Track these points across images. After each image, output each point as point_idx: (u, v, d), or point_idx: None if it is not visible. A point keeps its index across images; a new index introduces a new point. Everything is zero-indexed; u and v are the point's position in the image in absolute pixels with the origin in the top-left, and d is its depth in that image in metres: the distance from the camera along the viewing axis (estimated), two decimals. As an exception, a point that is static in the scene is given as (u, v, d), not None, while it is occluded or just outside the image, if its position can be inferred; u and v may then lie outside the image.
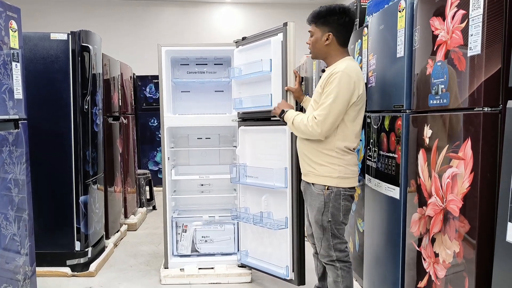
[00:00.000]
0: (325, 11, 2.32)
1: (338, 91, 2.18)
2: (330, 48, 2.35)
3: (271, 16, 7.77)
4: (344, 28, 2.33)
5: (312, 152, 2.34)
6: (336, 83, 2.19)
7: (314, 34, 2.38)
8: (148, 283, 3.31)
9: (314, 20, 2.37)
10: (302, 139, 2.40)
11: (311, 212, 2.38)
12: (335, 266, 2.35)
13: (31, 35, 3.26)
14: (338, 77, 2.19)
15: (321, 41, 2.35)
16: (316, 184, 2.33)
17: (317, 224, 2.34)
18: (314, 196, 2.34)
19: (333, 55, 2.35)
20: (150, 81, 7.10)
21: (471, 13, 1.63)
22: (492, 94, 1.59)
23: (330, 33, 2.32)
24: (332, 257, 2.34)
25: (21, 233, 2.32)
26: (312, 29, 2.39)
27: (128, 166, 5.00)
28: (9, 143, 2.23)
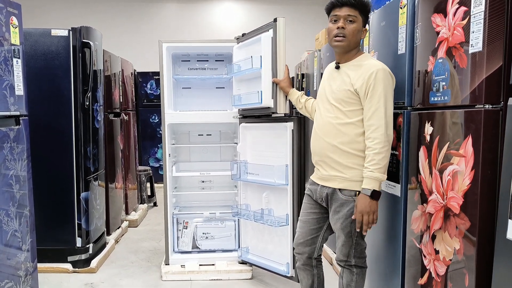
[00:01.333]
0: (367, 2, 2.13)
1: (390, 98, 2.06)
2: (358, 42, 2.18)
3: (273, 12, 7.74)
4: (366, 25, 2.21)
5: (340, 154, 2.13)
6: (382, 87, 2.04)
7: (355, 21, 2.12)
8: (149, 279, 3.32)
9: (360, 7, 2.11)
10: (328, 139, 2.18)
11: (338, 219, 2.17)
12: (351, 271, 2.24)
13: (32, 31, 3.26)
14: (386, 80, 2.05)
15: (360, 32, 2.15)
16: (344, 189, 2.14)
17: (344, 231, 2.16)
18: (341, 202, 2.15)
19: (356, 50, 2.19)
20: (151, 78, 7.10)
21: (473, 10, 1.63)
22: (493, 91, 1.58)
23: (367, 28, 2.19)
24: (350, 263, 2.22)
25: (22, 229, 2.33)
26: (355, 15, 2.11)
27: (129, 162, 5.01)
28: (10, 140, 2.23)
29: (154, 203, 5.83)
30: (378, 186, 2.03)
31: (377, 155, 2.01)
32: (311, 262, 2.38)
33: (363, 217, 2.05)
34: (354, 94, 2.09)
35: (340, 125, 2.14)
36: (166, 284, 3.23)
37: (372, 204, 2.04)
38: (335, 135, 2.15)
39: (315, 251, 2.35)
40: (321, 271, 2.43)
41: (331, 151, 2.16)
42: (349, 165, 2.11)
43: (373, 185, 2.02)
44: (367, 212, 2.04)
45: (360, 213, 2.05)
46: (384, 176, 2.03)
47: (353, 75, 2.11)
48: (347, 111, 2.12)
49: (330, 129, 2.17)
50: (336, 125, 2.15)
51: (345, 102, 2.13)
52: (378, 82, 2.03)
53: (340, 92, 2.15)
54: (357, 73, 2.10)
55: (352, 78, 2.11)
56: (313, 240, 2.34)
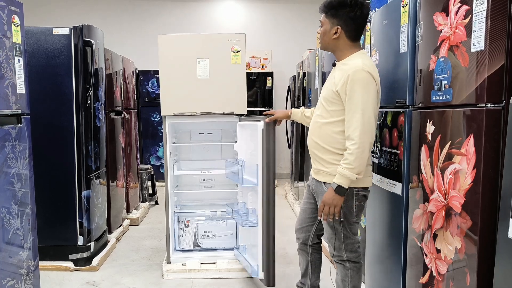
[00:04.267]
0: (336, 2, 2.17)
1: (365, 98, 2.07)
2: (339, 42, 2.21)
3: (274, 11, 7.75)
4: (355, 22, 2.17)
5: (322, 151, 2.26)
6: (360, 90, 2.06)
7: (323, 24, 2.24)
8: (150, 278, 3.32)
9: (325, 9, 2.21)
10: (313, 136, 2.31)
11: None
12: (345, 266, 2.31)
13: (33, 29, 3.26)
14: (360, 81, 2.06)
15: (329, 33, 2.21)
16: (327, 183, 2.24)
17: (329, 224, 2.26)
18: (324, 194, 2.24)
19: (342, 49, 2.23)
20: (152, 76, 7.10)
21: (475, 9, 1.63)
22: (495, 90, 1.58)
23: (338, 27, 2.18)
24: (342, 257, 2.29)
25: (24, 227, 2.33)
26: (322, 19, 2.24)
27: (131, 161, 5.01)
28: (12, 138, 2.23)
29: (155, 202, 5.83)
30: (346, 183, 2.10)
31: (350, 155, 2.08)
32: (306, 248, 2.56)
33: (324, 207, 2.17)
34: (336, 95, 2.16)
35: (322, 124, 2.25)
36: (167, 282, 3.24)
37: (336, 198, 2.13)
38: (318, 133, 2.28)
39: (309, 238, 2.52)
40: (316, 258, 2.57)
41: (315, 148, 2.31)
42: (330, 161, 2.23)
43: (341, 181, 2.11)
44: (329, 204, 2.15)
45: (323, 202, 2.18)
46: (353, 175, 2.08)
47: (338, 76, 2.17)
48: (330, 110, 2.21)
49: (316, 127, 2.31)
50: (319, 124, 2.28)
51: (330, 102, 2.21)
52: (355, 83, 2.07)
53: (327, 91, 2.25)
54: (340, 74, 2.15)
55: (336, 78, 2.17)
56: (308, 228, 2.51)
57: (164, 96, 3.22)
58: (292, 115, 2.74)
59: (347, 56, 2.22)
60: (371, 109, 2.08)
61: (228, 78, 3.21)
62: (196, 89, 3.20)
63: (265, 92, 7.20)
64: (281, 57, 7.55)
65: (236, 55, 3.20)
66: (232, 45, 3.20)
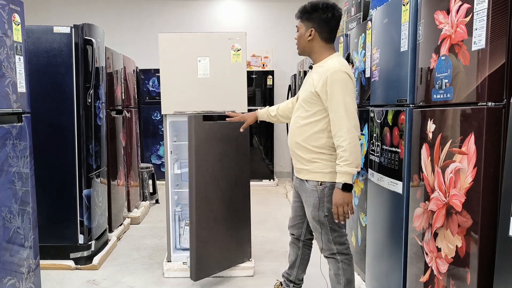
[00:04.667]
0: (309, 6, 2.32)
1: (346, 96, 2.18)
2: (313, 44, 2.34)
3: (274, 10, 7.74)
4: (327, 24, 2.31)
5: (303, 150, 2.35)
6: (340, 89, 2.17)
7: (299, 29, 2.39)
8: (151, 276, 3.33)
9: (300, 15, 2.37)
10: (293, 137, 2.40)
11: (307, 208, 2.39)
12: (336, 259, 2.38)
13: (34, 28, 3.26)
14: (339, 81, 2.18)
15: (304, 36, 2.36)
16: (309, 180, 2.34)
17: (315, 220, 2.36)
18: (308, 192, 2.36)
19: (317, 52, 2.36)
20: (153, 75, 7.10)
21: (476, 7, 1.62)
22: (496, 89, 1.58)
23: (312, 29, 2.32)
24: (332, 250, 2.37)
25: (25, 226, 2.33)
26: (298, 25, 2.40)
27: (131, 159, 5.01)
28: (13, 137, 2.23)
29: (156, 200, 5.84)
30: (350, 179, 2.20)
31: (345, 152, 2.17)
32: (298, 243, 2.66)
33: (338, 208, 2.23)
34: (316, 96, 2.26)
35: (302, 124, 2.34)
36: (168, 281, 3.24)
37: (345, 196, 2.21)
38: (298, 133, 2.37)
39: (302, 234, 2.63)
40: (306, 253, 2.68)
41: (296, 148, 2.39)
42: (311, 160, 2.33)
43: (344, 178, 2.19)
44: (341, 204, 2.21)
45: (335, 205, 2.23)
46: (354, 170, 2.18)
47: (316, 78, 2.28)
48: (310, 110, 2.31)
49: (295, 128, 2.39)
50: (300, 124, 2.36)
51: (309, 103, 2.31)
52: (334, 84, 2.18)
53: (305, 92, 2.35)
54: (318, 76, 2.26)
55: (315, 80, 2.28)
56: (300, 225, 2.61)
57: (165, 94, 3.22)
58: (259, 117, 2.81)
59: (323, 59, 2.34)
60: (352, 106, 2.20)
61: (229, 76, 3.21)
62: (197, 87, 3.20)
63: (266, 90, 7.20)
64: (282, 56, 7.54)
65: (236, 53, 3.20)
66: (233, 44, 3.20)
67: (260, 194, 6.35)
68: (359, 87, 3.09)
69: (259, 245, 3.98)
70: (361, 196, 3.05)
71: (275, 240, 4.18)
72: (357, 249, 3.13)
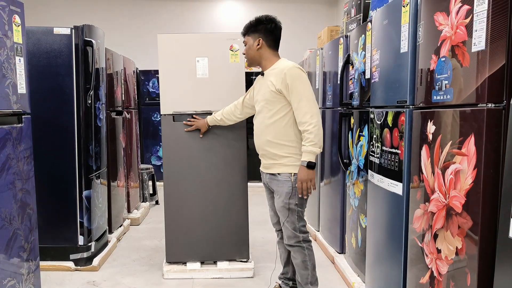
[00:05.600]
0: (254, 21, 2.64)
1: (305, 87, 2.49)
2: (262, 52, 2.64)
3: (274, 11, 7.71)
4: (272, 33, 2.63)
5: (275, 146, 2.58)
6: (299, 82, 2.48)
7: (247, 43, 2.67)
8: (151, 278, 3.32)
9: (246, 31, 2.67)
10: (263, 136, 2.62)
11: (279, 198, 2.59)
12: (302, 247, 2.59)
13: (34, 29, 3.26)
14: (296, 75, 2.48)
15: (253, 46, 2.64)
16: (282, 173, 2.57)
17: (285, 207, 2.56)
18: (281, 183, 2.58)
19: (266, 58, 2.64)
20: (153, 76, 7.10)
21: (476, 9, 1.62)
22: (496, 90, 1.58)
23: (260, 39, 2.62)
24: (299, 238, 2.58)
25: (24, 227, 2.33)
26: (245, 39, 2.68)
27: (131, 160, 5.01)
28: (13, 138, 2.23)
29: (156, 201, 5.83)
30: (314, 158, 2.48)
31: (310, 134, 2.46)
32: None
33: (302, 184, 2.49)
34: (277, 93, 2.53)
35: (271, 122, 2.58)
36: (167, 282, 3.24)
37: (309, 173, 2.48)
38: (268, 132, 2.59)
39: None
40: None
41: (267, 145, 2.61)
42: (283, 155, 2.57)
43: (309, 157, 2.47)
44: (305, 180, 2.49)
45: (299, 181, 2.50)
46: (318, 150, 2.48)
47: (273, 78, 2.55)
48: (274, 109, 2.56)
49: (263, 127, 2.62)
50: (267, 123, 2.59)
51: (271, 102, 2.56)
52: (293, 78, 2.48)
53: (266, 93, 2.59)
54: (275, 76, 2.55)
55: (272, 80, 2.55)
56: (279, 221, 2.70)
57: (164, 95, 3.23)
58: (208, 122, 3.13)
59: (272, 64, 2.64)
60: (312, 95, 2.51)
61: (227, 76, 3.22)
62: (195, 88, 3.21)
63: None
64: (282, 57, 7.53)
65: (235, 54, 3.20)
66: (231, 44, 3.20)
67: (260, 195, 6.32)
68: (359, 88, 3.09)
69: (259, 246, 3.98)
70: (361, 197, 3.05)
71: (275, 241, 4.16)
72: (357, 250, 3.13)
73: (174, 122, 3.23)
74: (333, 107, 3.76)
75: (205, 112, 3.23)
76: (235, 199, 3.31)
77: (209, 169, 3.28)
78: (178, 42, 3.22)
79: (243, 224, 3.33)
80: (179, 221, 3.30)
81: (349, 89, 3.37)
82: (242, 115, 2.99)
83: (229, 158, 3.28)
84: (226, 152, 3.27)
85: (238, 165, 3.28)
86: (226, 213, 3.32)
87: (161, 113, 3.24)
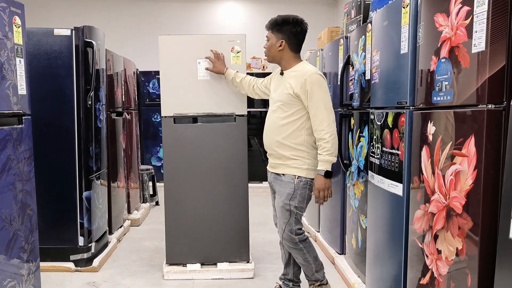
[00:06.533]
0: (280, 20, 2.59)
1: (324, 95, 2.49)
2: (283, 53, 2.61)
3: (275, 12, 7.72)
4: (296, 37, 2.59)
5: (283, 148, 2.58)
6: (318, 89, 2.47)
7: (269, 39, 2.63)
8: (151, 278, 3.32)
9: (270, 27, 2.63)
10: (273, 136, 2.62)
11: (280, 197, 2.60)
12: (299, 248, 2.62)
13: (34, 30, 3.26)
14: (316, 82, 2.47)
15: (275, 46, 2.61)
16: (286, 174, 2.59)
17: (284, 208, 2.57)
18: (284, 183, 2.59)
19: (286, 60, 2.62)
20: (153, 77, 7.10)
21: (476, 10, 1.63)
22: (496, 91, 1.58)
23: (282, 40, 2.58)
24: (294, 240, 2.59)
25: (25, 228, 2.33)
26: (268, 35, 2.64)
27: (131, 161, 5.01)
28: (13, 139, 2.23)
29: (156, 202, 5.83)
30: (330, 167, 2.49)
31: (327, 143, 2.46)
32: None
33: (320, 193, 2.52)
34: (294, 97, 2.52)
35: (283, 124, 2.57)
36: (168, 283, 3.24)
37: (327, 182, 2.51)
38: (278, 132, 2.59)
39: None
40: None
41: (276, 146, 2.61)
42: (290, 157, 2.57)
43: (325, 166, 2.48)
44: (322, 189, 2.51)
45: (317, 189, 2.52)
46: (334, 159, 2.49)
47: (292, 81, 2.53)
48: (289, 111, 2.55)
49: (275, 127, 2.61)
50: (279, 124, 2.58)
51: (287, 104, 2.55)
52: (313, 84, 2.47)
53: (283, 95, 2.57)
54: (295, 79, 2.53)
55: (291, 83, 2.53)
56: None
57: (165, 97, 3.23)
58: (226, 74, 3.08)
59: (292, 66, 2.61)
60: (329, 103, 2.51)
61: (229, 78, 3.21)
62: (196, 90, 3.21)
63: (266, 92, 7.18)
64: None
65: (236, 55, 3.20)
66: (233, 46, 3.20)
67: (261, 196, 6.34)
68: (359, 89, 3.09)
69: (259, 247, 3.98)
70: (361, 198, 3.05)
71: (275, 242, 4.15)
72: (357, 251, 3.13)
73: (175, 124, 3.23)
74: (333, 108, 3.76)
75: (206, 115, 3.24)
76: (235, 200, 3.31)
77: (209, 170, 3.28)
78: (179, 44, 3.22)
79: (243, 226, 3.33)
80: (180, 222, 3.30)
81: (349, 90, 3.38)
82: (253, 92, 2.98)
83: (230, 159, 3.28)
84: (226, 153, 3.27)
85: (238, 166, 3.28)
86: (227, 214, 3.32)
87: (162, 115, 3.24)
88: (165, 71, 3.21)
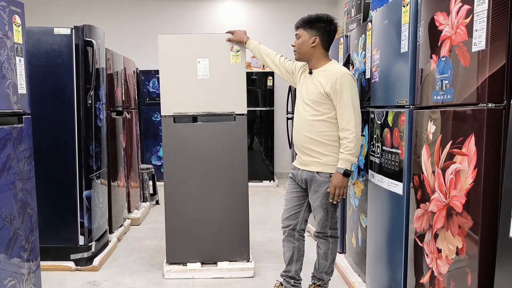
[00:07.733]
0: (314, 17, 2.61)
1: (353, 95, 2.50)
2: (315, 50, 2.60)
3: (274, 11, 7.75)
4: (329, 35, 2.62)
5: (317, 144, 2.58)
6: (348, 89, 2.48)
7: (301, 36, 2.62)
8: (151, 277, 3.33)
9: (303, 24, 2.63)
10: (305, 133, 2.61)
11: (317, 197, 2.61)
12: (327, 241, 2.72)
13: (34, 29, 3.26)
14: (347, 82, 2.48)
15: (307, 43, 2.60)
16: (321, 172, 2.59)
17: (322, 207, 2.62)
18: (319, 183, 2.59)
19: (317, 57, 2.62)
20: (153, 76, 7.10)
21: (476, 8, 1.63)
22: (497, 90, 1.58)
23: (316, 37, 2.58)
24: (327, 233, 2.69)
25: (25, 227, 2.33)
26: (299, 32, 2.64)
27: (132, 160, 5.01)
28: (13, 138, 2.23)
29: (156, 201, 5.83)
30: (350, 166, 2.52)
31: (351, 143, 2.48)
32: (294, 234, 2.78)
33: (336, 190, 2.53)
34: (325, 96, 2.53)
35: (315, 121, 2.58)
36: (168, 282, 3.24)
37: (344, 180, 2.52)
38: (310, 129, 2.60)
39: (298, 224, 2.78)
40: (301, 245, 2.81)
41: (308, 143, 2.61)
42: (325, 153, 2.58)
43: (346, 165, 2.50)
44: (339, 186, 2.52)
45: (333, 187, 2.53)
46: (355, 159, 2.52)
47: (323, 80, 2.54)
48: (319, 109, 2.56)
49: (307, 125, 2.61)
50: (311, 121, 2.59)
51: (317, 102, 2.56)
52: (344, 84, 2.48)
53: (313, 94, 2.58)
54: (326, 78, 2.53)
55: (322, 82, 2.54)
56: (296, 214, 2.77)
57: (164, 96, 3.22)
58: (247, 43, 3.11)
59: (322, 64, 2.61)
60: (358, 105, 2.53)
61: (228, 77, 3.21)
62: (196, 89, 3.21)
63: (266, 91, 7.20)
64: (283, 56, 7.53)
65: (236, 54, 3.20)
66: (232, 45, 3.20)
67: (261, 195, 6.35)
68: (359, 88, 3.09)
69: (259, 246, 3.99)
70: (361, 197, 3.05)
71: (275, 240, 4.17)
72: (357, 250, 3.13)
73: (175, 123, 3.23)
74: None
75: (206, 114, 3.24)
76: (235, 199, 3.31)
77: (209, 169, 3.28)
78: (178, 43, 3.22)
79: (243, 225, 3.34)
80: (180, 221, 3.31)
81: (349, 89, 3.37)
82: (274, 66, 2.95)
83: (230, 158, 3.28)
84: (226, 152, 3.27)
85: (238, 165, 3.29)
86: (227, 213, 3.32)
87: (162, 114, 3.24)
88: (165, 70, 3.21)
